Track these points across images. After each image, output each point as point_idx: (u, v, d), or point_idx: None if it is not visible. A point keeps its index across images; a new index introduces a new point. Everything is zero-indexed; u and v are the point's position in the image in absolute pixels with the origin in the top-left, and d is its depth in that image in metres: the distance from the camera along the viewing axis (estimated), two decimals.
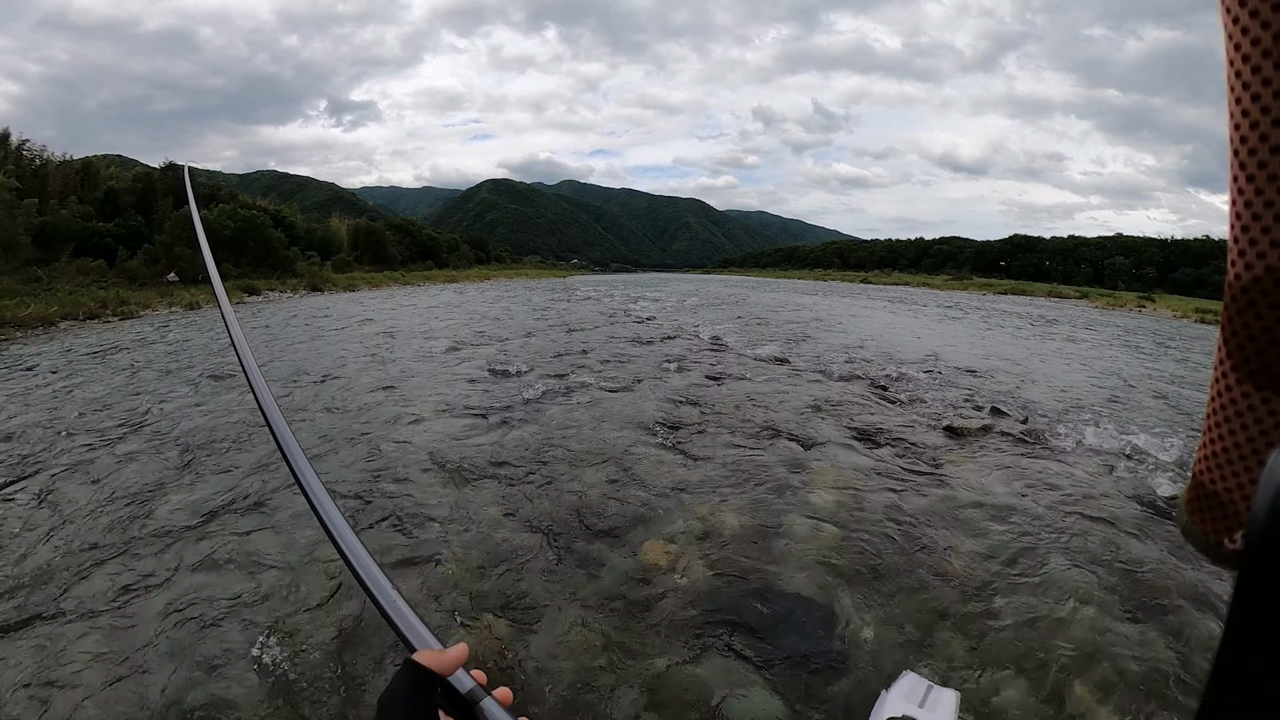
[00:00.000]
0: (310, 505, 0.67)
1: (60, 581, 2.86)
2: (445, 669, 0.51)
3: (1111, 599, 2.83)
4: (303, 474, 0.70)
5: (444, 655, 0.52)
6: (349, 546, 0.63)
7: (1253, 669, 0.20)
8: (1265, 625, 0.19)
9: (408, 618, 0.57)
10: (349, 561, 0.61)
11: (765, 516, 3.60)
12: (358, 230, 45.57)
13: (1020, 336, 14.61)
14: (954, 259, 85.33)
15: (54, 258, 19.06)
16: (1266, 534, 0.18)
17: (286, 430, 0.75)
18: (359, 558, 0.61)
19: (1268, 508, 0.18)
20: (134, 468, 4.29)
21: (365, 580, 0.60)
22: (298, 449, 0.73)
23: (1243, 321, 0.35)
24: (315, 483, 0.69)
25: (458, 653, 0.52)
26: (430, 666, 0.51)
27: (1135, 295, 40.14)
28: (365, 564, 0.61)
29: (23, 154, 24.40)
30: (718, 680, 2.32)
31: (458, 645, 0.53)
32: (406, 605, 0.58)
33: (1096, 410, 6.46)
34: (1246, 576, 0.19)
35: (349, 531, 0.64)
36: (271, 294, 23.25)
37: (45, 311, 13.01)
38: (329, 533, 0.64)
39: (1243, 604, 0.20)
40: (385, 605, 0.58)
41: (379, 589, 0.59)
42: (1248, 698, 0.20)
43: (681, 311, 18.36)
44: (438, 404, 6.09)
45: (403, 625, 0.57)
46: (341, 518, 0.65)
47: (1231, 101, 0.33)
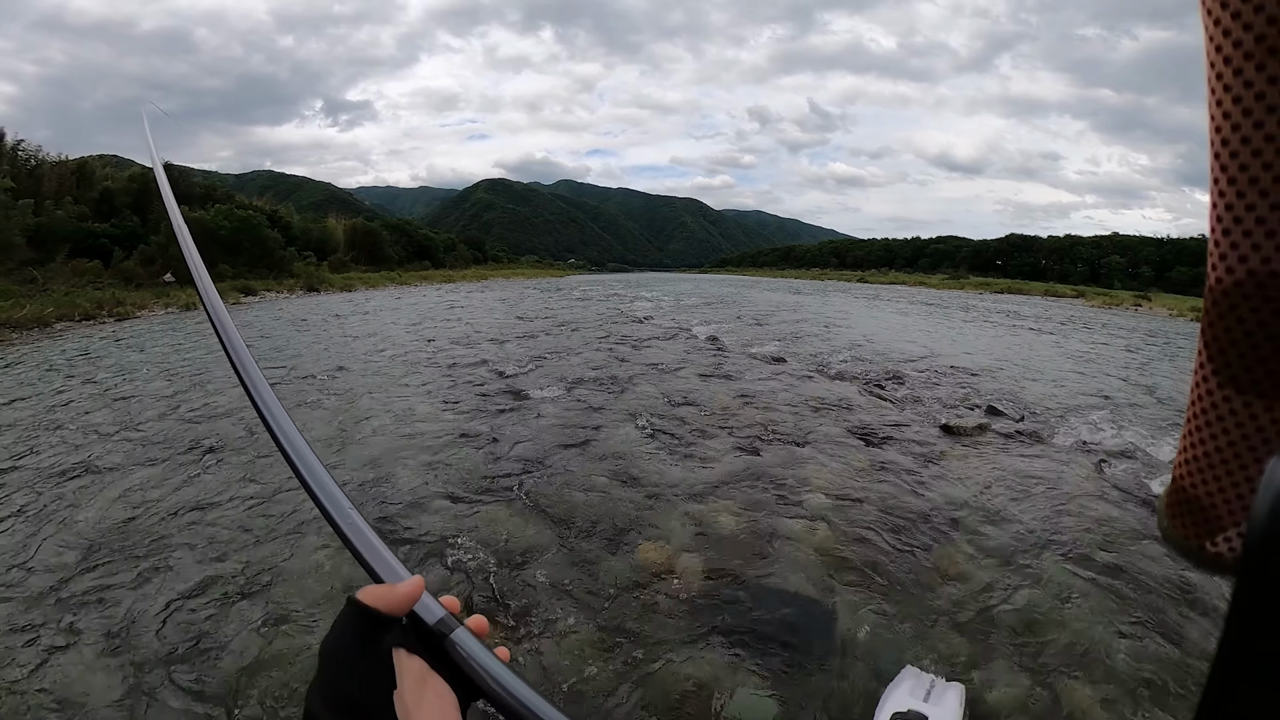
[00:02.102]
0: (262, 419, 0.59)
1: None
2: (395, 607, 0.44)
3: (1108, 598, 2.84)
4: (254, 385, 0.61)
5: (393, 591, 0.44)
6: (307, 467, 0.54)
7: (1252, 672, 0.20)
8: (1264, 630, 0.19)
9: (374, 546, 0.49)
10: (305, 482, 0.53)
11: (761, 516, 3.61)
12: (354, 230, 45.46)
13: (1016, 335, 14.64)
14: (950, 258, 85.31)
15: (49, 259, 18.98)
16: (1266, 539, 0.18)
17: (239, 341, 0.65)
18: (318, 478, 0.53)
19: (1267, 512, 0.18)
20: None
21: (325, 504, 0.52)
22: (253, 364, 0.63)
23: (1224, 325, 0.35)
24: (270, 396, 0.60)
25: (409, 587, 0.45)
26: (376, 605, 0.43)
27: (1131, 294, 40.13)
28: (326, 486, 0.53)
29: (18, 154, 24.28)
30: (715, 679, 2.32)
31: (410, 579, 0.46)
32: (374, 533, 0.50)
33: (1092, 409, 6.48)
34: (1245, 582, 0.19)
35: (309, 452, 0.55)
36: (268, 294, 23.20)
37: (41, 313, 12.95)
38: (280, 446, 0.56)
39: (1241, 609, 0.20)
40: (348, 532, 0.50)
41: (340, 513, 0.51)
42: (1247, 701, 0.20)
43: (679, 311, 18.37)
44: (433, 405, 6.09)
45: (368, 554, 0.49)
46: (301, 439, 0.56)
47: (1212, 104, 0.33)
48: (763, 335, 12.37)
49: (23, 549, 3.16)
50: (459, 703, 0.44)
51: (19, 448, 4.71)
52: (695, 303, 22.58)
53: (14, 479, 4.08)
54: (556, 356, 9.05)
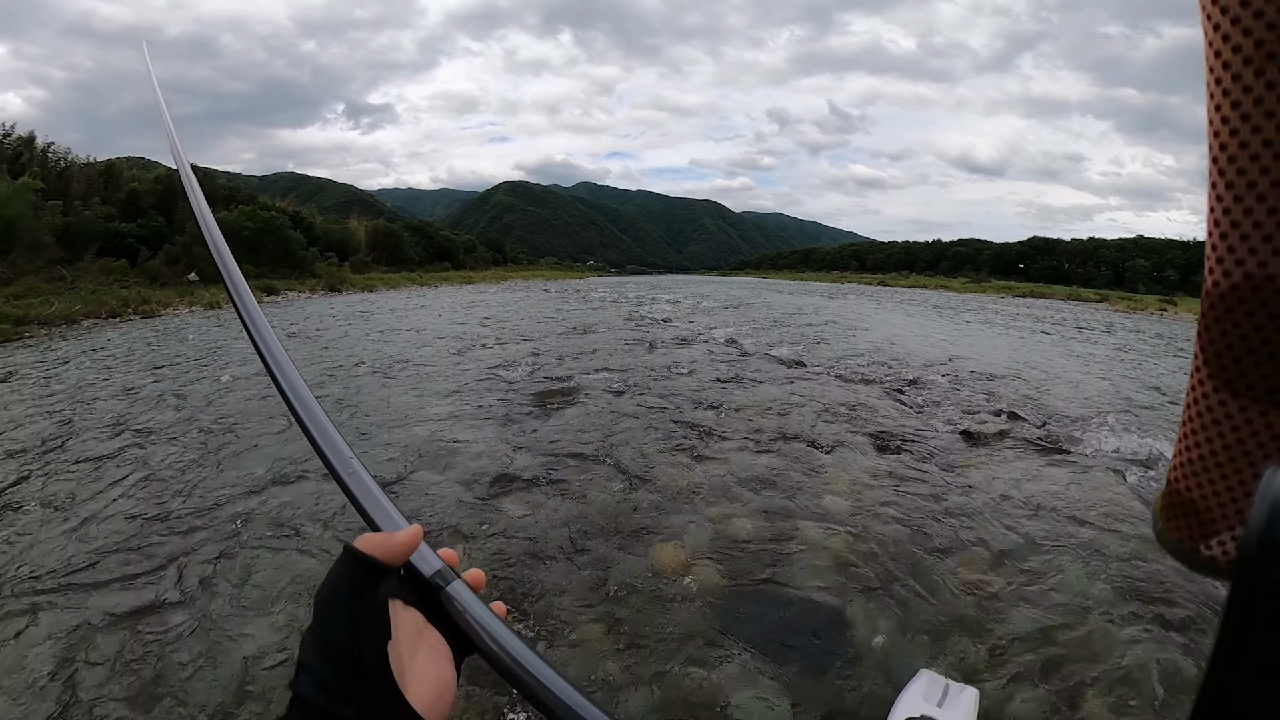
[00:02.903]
0: (264, 363, 0.58)
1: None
2: (392, 556, 0.43)
3: (1129, 609, 2.80)
4: (255, 326, 0.61)
5: (391, 540, 0.43)
6: (308, 412, 0.54)
7: (1246, 678, 0.20)
8: (1258, 636, 0.19)
9: (374, 495, 0.49)
10: (305, 426, 0.53)
11: (778, 520, 3.59)
12: (375, 231, 45.93)
13: (1038, 340, 14.46)
14: (972, 261, 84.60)
15: (78, 257, 19.34)
16: (1261, 547, 0.18)
17: (244, 284, 0.66)
18: (321, 426, 0.53)
19: (1263, 522, 0.18)
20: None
21: (326, 452, 0.52)
22: (259, 313, 0.63)
23: (1220, 329, 0.35)
24: (274, 343, 0.59)
25: (408, 536, 0.44)
26: (373, 554, 0.42)
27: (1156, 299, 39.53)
28: (329, 435, 0.53)
29: (48, 157, 24.88)
30: (728, 683, 2.31)
31: (409, 527, 0.45)
32: (374, 482, 0.50)
33: (1115, 416, 6.38)
34: (1240, 589, 0.19)
35: (313, 401, 0.55)
36: (290, 294, 23.47)
37: (69, 310, 13.23)
38: (282, 391, 0.56)
39: (1235, 616, 0.20)
40: (348, 481, 0.50)
41: (341, 461, 0.51)
42: (1240, 705, 0.20)
43: (697, 313, 18.33)
44: (452, 405, 6.13)
45: (367, 503, 0.49)
46: (306, 388, 0.56)
47: (1211, 108, 0.33)
48: (782, 338, 12.31)
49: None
50: (454, 656, 0.44)
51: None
52: (714, 305, 22.52)
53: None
54: (575, 357, 9.07)
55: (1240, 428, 0.36)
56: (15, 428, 5.23)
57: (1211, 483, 0.39)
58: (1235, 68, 0.31)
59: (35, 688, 2.20)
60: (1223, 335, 0.35)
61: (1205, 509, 0.40)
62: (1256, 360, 0.34)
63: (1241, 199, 0.32)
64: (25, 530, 3.37)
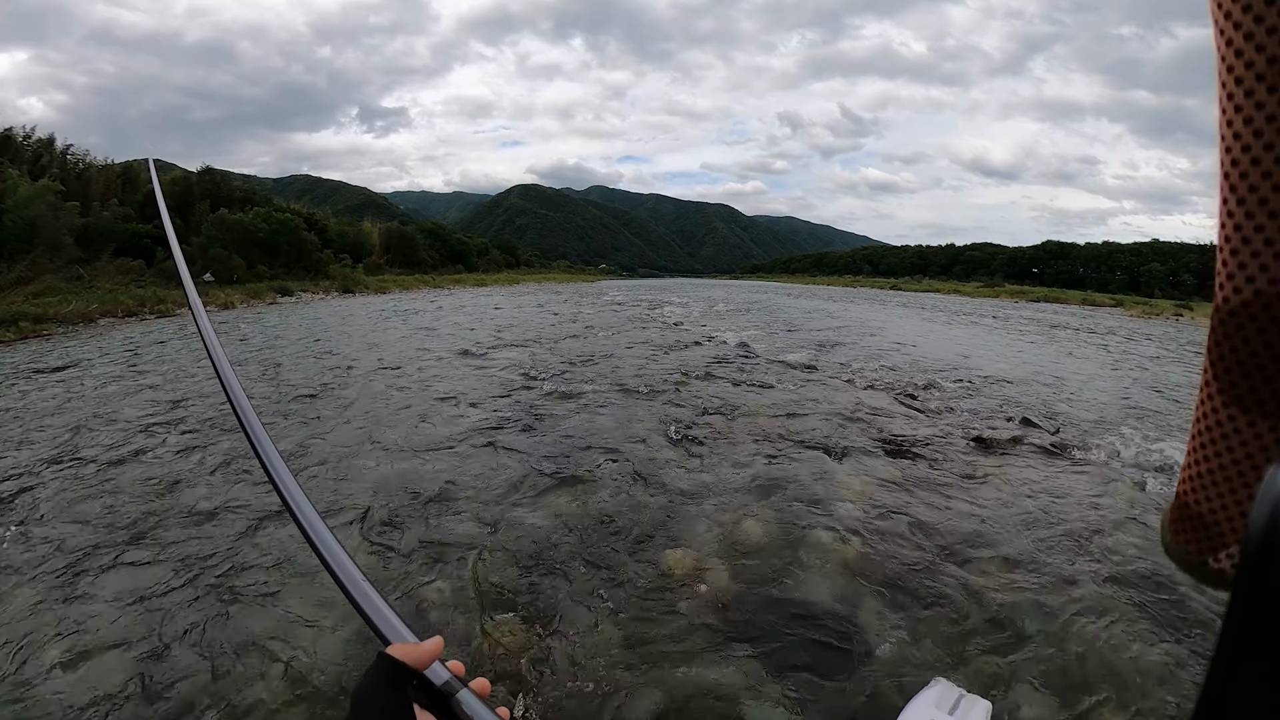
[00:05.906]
0: (279, 494, 0.65)
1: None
2: (420, 662, 0.50)
3: (1144, 621, 2.76)
4: (269, 459, 0.68)
5: (419, 648, 0.50)
6: (319, 537, 0.60)
7: (1247, 684, 0.20)
8: (1260, 642, 0.19)
9: (381, 611, 0.56)
10: (320, 552, 0.59)
11: (789, 526, 3.58)
12: (389, 234, 46.13)
13: (1052, 345, 14.35)
14: (985, 266, 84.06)
15: (95, 257, 19.53)
16: (1263, 550, 0.18)
17: (254, 417, 0.72)
18: (330, 549, 0.59)
19: (1265, 523, 0.18)
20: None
21: (337, 572, 0.58)
22: (266, 437, 0.70)
23: (1230, 345, 0.35)
24: (284, 472, 0.66)
25: (432, 645, 0.51)
26: (404, 660, 0.49)
27: (1172, 304, 39.04)
28: (337, 555, 0.59)
29: (67, 159, 25.18)
30: (737, 688, 2.30)
31: (432, 639, 0.52)
32: (380, 598, 0.57)
33: (1129, 423, 6.32)
34: (1242, 594, 0.19)
35: (320, 522, 0.62)
36: (304, 295, 23.61)
37: (86, 309, 13.37)
38: (297, 521, 0.62)
39: (1238, 620, 0.19)
40: (357, 598, 0.56)
41: (351, 581, 0.57)
42: (1240, 708, 0.20)
43: (709, 317, 18.33)
44: (461, 406, 6.15)
45: (376, 618, 0.55)
46: (312, 508, 0.63)
47: (1223, 124, 0.32)
48: (794, 342, 12.28)
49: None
50: None
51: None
52: (726, 309, 22.50)
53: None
54: (587, 362, 9.08)
55: (1249, 443, 0.36)
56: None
57: (1220, 496, 0.39)
58: (1248, 83, 0.30)
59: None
60: (1232, 351, 0.35)
61: (1213, 522, 0.40)
62: (1266, 376, 0.34)
63: (1253, 215, 0.32)
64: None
